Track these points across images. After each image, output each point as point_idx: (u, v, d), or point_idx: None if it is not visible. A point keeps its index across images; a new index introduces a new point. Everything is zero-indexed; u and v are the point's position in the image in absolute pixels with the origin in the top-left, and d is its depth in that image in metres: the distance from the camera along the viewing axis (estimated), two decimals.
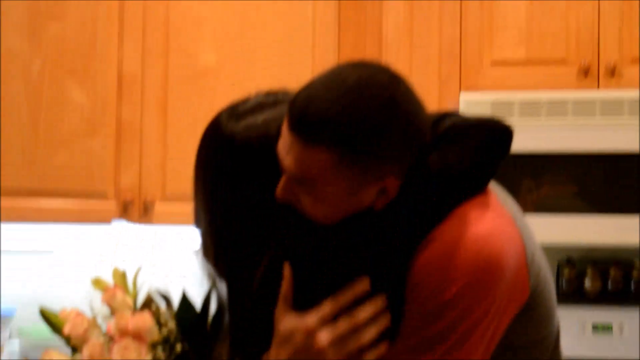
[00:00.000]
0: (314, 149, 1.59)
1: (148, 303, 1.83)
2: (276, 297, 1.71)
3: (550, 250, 3.89)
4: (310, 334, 1.62)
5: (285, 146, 1.62)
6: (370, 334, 1.62)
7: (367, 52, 4.03)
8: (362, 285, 1.63)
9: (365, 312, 1.62)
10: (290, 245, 1.75)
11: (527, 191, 3.84)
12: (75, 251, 3.55)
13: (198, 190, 1.82)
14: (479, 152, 1.70)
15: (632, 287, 4.02)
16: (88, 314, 1.87)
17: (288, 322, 1.66)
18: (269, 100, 1.78)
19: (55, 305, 1.92)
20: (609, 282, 4.05)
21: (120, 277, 1.85)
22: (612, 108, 3.73)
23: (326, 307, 1.63)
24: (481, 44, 3.93)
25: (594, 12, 3.83)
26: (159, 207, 3.69)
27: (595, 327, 3.96)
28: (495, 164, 1.71)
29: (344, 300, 1.63)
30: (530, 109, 3.81)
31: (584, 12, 3.83)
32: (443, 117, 1.76)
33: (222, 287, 1.80)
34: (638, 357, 3.81)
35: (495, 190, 1.75)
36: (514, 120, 3.50)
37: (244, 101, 1.80)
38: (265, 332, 1.71)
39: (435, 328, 1.60)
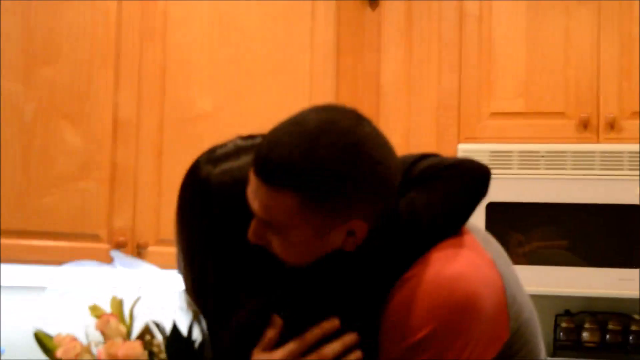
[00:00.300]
0: (277, 193, 1.61)
1: (144, 333, 1.85)
2: (254, 337, 1.72)
3: (548, 301, 4.15)
4: None
5: (252, 190, 1.65)
6: None
7: (365, 102, 4.04)
8: (331, 324, 1.64)
9: (331, 348, 1.63)
10: (265, 286, 1.76)
11: (524, 242, 3.86)
12: (68, 288, 3.47)
13: (177, 232, 1.83)
14: (451, 194, 1.72)
15: (631, 339, 4.01)
16: (83, 341, 1.91)
17: (259, 356, 1.68)
18: (247, 145, 1.79)
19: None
20: (607, 335, 4.03)
21: (117, 305, 1.89)
22: (611, 161, 3.75)
23: (293, 344, 1.64)
24: (480, 95, 3.96)
25: (593, 66, 3.87)
26: (153, 250, 3.65)
27: None
28: (470, 206, 1.73)
29: (311, 338, 1.64)
30: (529, 160, 3.83)
31: (583, 65, 3.88)
32: (420, 158, 1.78)
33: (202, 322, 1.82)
34: None
35: (476, 232, 1.75)
36: (512, 171, 3.89)
37: (223, 145, 1.82)
38: None
39: None
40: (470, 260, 1.67)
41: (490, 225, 3.74)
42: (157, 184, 3.73)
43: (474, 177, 1.75)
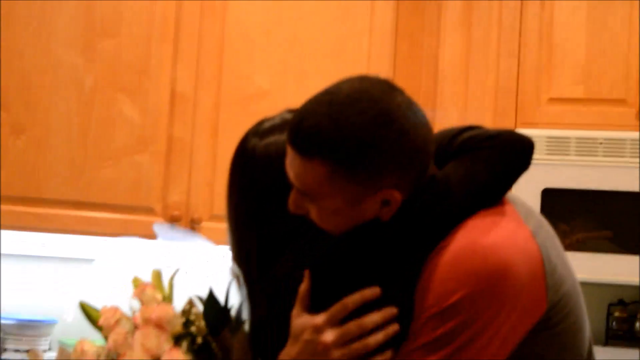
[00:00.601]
0: (309, 162, 1.63)
1: (189, 305, 1.82)
2: (293, 301, 1.73)
3: (601, 290, 4.10)
4: (318, 331, 1.65)
5: (289, 161, 1.69)
6: (376, 339, 1.65)
7: (422, 85, 4.03)
8: (372, 292, 1.65)
9: (373, 318, 1.64)
10: (307, 252, 1.78)
11: (579, 229, 3.78)
12: (117, 261, 3.43)
13: (227, 201, 1.88)
14: (491, 165, 1.72)
15: None
16: (128, 312, 1.88)
17: (300, 320, 1.69)
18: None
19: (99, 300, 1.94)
20: None
21: (156, 276, 1.85)
22: None
23: (335, 309, 1.66)
24: (539, 80, 3.89)
25: None
26: (206, 226, 3.63)
27: None
28: (511, 177, 1.72)
29: (352, 304, 1.65)
30: (587, 147, 3.76)
31: None
32: (463, 130, 1.79)
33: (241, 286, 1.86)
34: None
35: (517, 203, 1.74)
36: (569, 158, 3.80)
37: (271, 118, 1.86)
38: (283, 333, 1.74)
39: (440, 331, 1.61)
40: (508, 230, 1.67)
41: (546, 212, 3.51)
42: (212, 159, 3.71)
43: (516, 148, 1.73)
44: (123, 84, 3.66)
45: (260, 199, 1.81)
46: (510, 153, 1.72)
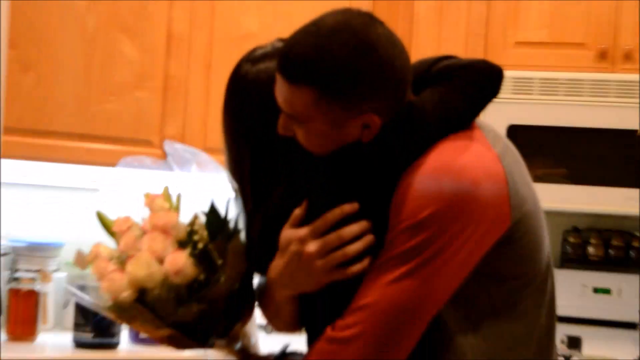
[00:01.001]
0: (296, 87, 1.66)
1: (194, 219, 1.84)
2: (284, 218, 1.76)
3: (557, 218, 4.20)
4: (302, 242, 1.69)
5: (277, 87, 1.71)
6: (354, 248, 1.67)
7: (399, 29, 3.84)
8: (351, 206, 1.68)
9: (351, 229, 1.67)
10: (294, 172, 1.80)
11: (542, 161, 3.84)
12: (119, 190, 3.49)
13: (223, 122, 1.90)
14: (463, 91, 1.73)
15: (632, 255, 4.04)
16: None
17: (287, 232, 1.73)
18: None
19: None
20: (611, 250, 4.07)
21: (166, 190, 1.87)
22: (626, 90, 3.70)
23: (318, 222, 1.69)
24: (506, 25, 3.92)
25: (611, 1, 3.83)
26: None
27: (596, 290, 4.01)
28: (481, 103, 1.74)
29: (332, 217, 1.68)
30: (549, 88, 3.80)
31: (602, 2, 3.84)
32: (439, 59, 1.80)
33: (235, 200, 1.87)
34: (637, 320, 3.80)
35: (486, 129, 1.77)
36: (533, 97, 3.84)
37: (263, 46, 1.86)
38: (273, 247, 1.78)
39: (412, 243, 1.63)
40: (476, 153, 1.69)
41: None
42: (205, 95, 3.74)
43: (486, 76, 1.76)
44: (123, 25, 3.63)
45: (252, 121, 1.83)
46: (481, 81, 1.76)
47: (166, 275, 1.76)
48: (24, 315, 3.46)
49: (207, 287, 1.80)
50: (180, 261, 1.76)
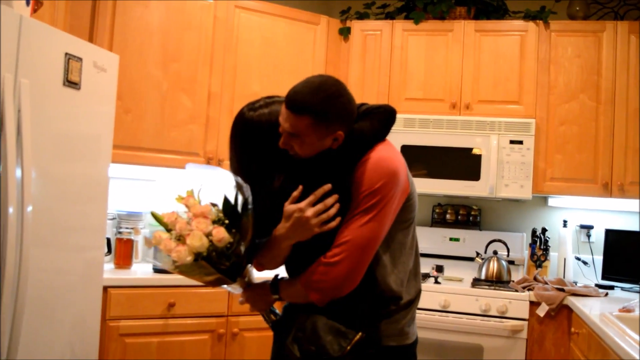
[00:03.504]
0: (300, 117, 1.66)
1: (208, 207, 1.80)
2: (284, 199, 1.74)
3: (430, 197, 4.19)
4: (302, 211, 1.70)
5: (284, 117, 1.69)
6: (332, 211, 1.70)
7: None
8: (327, 186, 1.71)
9: (329, 200, 1.70)
10: (289, 170, 1.77)
11: (422, 166, 3.94)
12: (173, 182, 3.55)
13: (231, 150, 1.84)
14: (381, 121, 1.78)
15: (471, 219, 4.24)
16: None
17: (290, 206, 1.73)
18: (270, 101, 1.82)
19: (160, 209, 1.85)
20: (459, 216, 4.26)
21: (191, 192, 1.81)
22: (466, 126, 3.90)
23: (310, 197, 1.70)
24: (400, 88, 4.07)
25: (458, 73, 3.99)
26: (227, 163, 3.49)
27: (451, 239, 4.20)
28: (389, 127, 1.80)
29: (319, 194, 1.70)
30: (424, 124, 3.96)
31: (454, 74, 3.98)
32: (362, 104, 1.83)
33: (246, 188, 1.78)
34: (474, 256, 3.99)
35: (390, 142, 1.82)
36: (415, 129, 3.95)
37: (257, 101, 1.83)
38: (274, 218, 1.76)
39: (372, 202, 1.69)
40: (393, 152, 1.78)
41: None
42: (229, 128, 3.43)
43: (389, 113, 1.82)
44: (182, 86, 3.68)
45: (254, 146, 1.78)
46: (388, 115, 1.81)
47: (212, 243, 1.72)
48: (124, 254, 3.55)
49: (236, 246, 1.77)
50: (222, 233, 1.73)
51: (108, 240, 3.55)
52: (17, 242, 2.05)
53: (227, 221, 1.75)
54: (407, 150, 3.97)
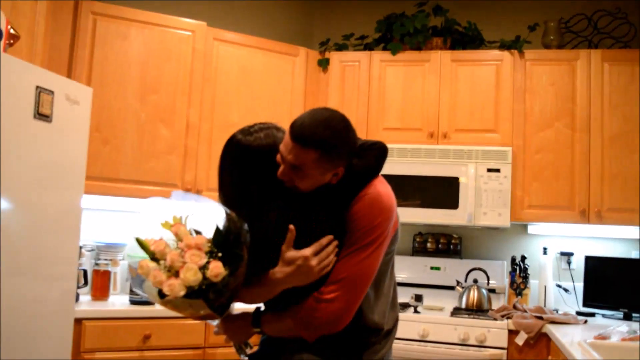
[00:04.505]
0: (306, 150, 1.64)
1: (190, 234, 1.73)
2: (279, 231, 1.70)
3: (410, 227, 4.21)
4: (307, 259, 1.67)
5: (288, 148, 1.66)
6: (332, 257, 1.70)
7: None
8: (329, 238, 1.70)
9: (330, 248, 1.70)
10: (282, 202, 1.75)
11: (402, 195, 3.82)
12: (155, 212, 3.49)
13: (222, 176, 1.81)
14: (377, 157, 1.82)
15: (452, 247, 4.27)
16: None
17: (291, 253, 1.69)
18: (264, 126, 1.80)
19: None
20: (440, 245, 4.29)
21: (178, 220, 1.73)
22: (444, 154, 3.93)
23: (315, 246, 1.69)
24: (378, 118, 4.14)
25: (435, 103, 4.06)
26: (206, 194, 3.60)
27: (432, 268, 4.22)
28: (382, 164, 1.83)
29: (324, 243, 1.70)
30: (402, 153, 4.01)
31: (431, 103, 4.07)
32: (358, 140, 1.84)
33: (237, 224, 1.72)
34: (454, 285, 4.01)
35: (382, 177, 1.84)
36: (392, 159, 3.98)
37: (251, 126, 1.81)
38: (270, 257, 1.73)
39: (369, 239, 1.70)
40: (388, 186, 1.80)
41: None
42: (208, 159, 3.79)
43: (382, 150, 1.85)
44: (161, 117, 3.73)
45: (245, 172, 1.75)
46: (381, 152, 1.84)
47: (206, 277, 1.66)
48: (101, 285, 3.57)
49: (229, 281, 1.70)
50: (219, 268, 1.66)
51: (85, 271, 3.57)
52: None
53: (219, 254, 1.70)
54: (385, 179, 3.98)
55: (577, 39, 4.23)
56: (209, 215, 1.74)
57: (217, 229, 1.69)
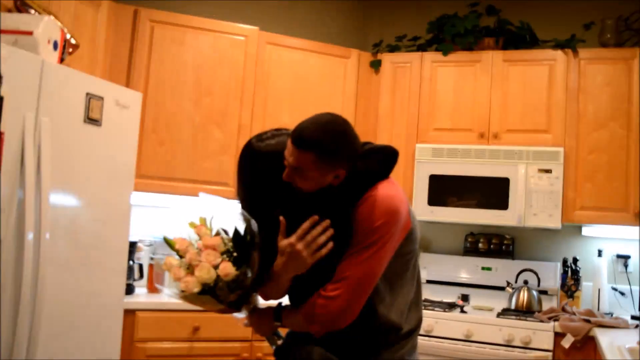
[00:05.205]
0: (305, 153, 1.69)
1: (218, 233, 1.85)
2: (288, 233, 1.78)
3: (462, 226, 4.25)
4: (292, 245, 1.72)
5: (289, 151, 1.72)
6: (322, 239, 1.73)
7: (370, 123, 4.26)
8: (314, 218, 1.73)
9: (317, 230, 1.73)
10: (287, 203, 1.80)
11: (454, 195, 4.03)
12: (187, 208, 3.51)
13: (238, 178, 1.88)
14: (380, 162, 1.83)
15: (503, 248, 4.27)
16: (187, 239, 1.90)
17: (282, 242, 1.76)
18: (277, 133, 1.87)
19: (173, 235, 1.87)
20: (492, 245, 4.29)
21: (203, 220, 1.86)
22: (495, 155, 3.97)
23: (299, 231, 1.73)
24: (429, 118, 4.20)
25: (487, 104, 4.08)
26: None
27: (483, 268, 4.25)
28: (391, 166, 1.84)
29: (306, 226, 1.73)
30: (452, 153, 4.06)
31: (482, 104, 4.10)
32: (365, 143, 1.87)
33: (253, 224, 1.80)
34: (504, 285, 4.03)
35: (392, 179, 1.86)
36: (443, 159, 4.05)
37: (265, 132, 1.88)
38: (274, 252, 1.79)
39: (370, 240, 1.72)
40: (396, 189, 1.81)
41: (431, 188, 4.05)
42: None
43: (390, 154, 1.87)
44: (214, 119, 3.89)
45: (260, 177, 1.81)
46: (388, 156, 1.87)
47: (219, 276, 1.76)
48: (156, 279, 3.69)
49: (242, 280, 1.79)
50: (228, 268, 1.75)
51: (140, 265, 3.78)
52: (33, 265, 2.32)
53: (235, 254, 1.79)
54: (435, 179, 4.08)
55: (637, 36, 4.14)
56: (232, 216, 1.84)
57: (236, 229, 1.79)
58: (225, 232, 1.85)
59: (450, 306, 3.97)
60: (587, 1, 4.36)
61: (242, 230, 1.81)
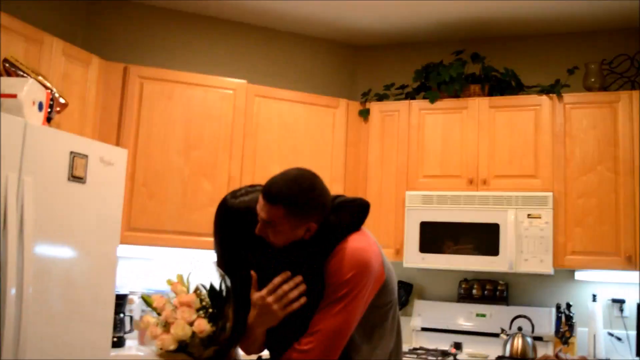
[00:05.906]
0: (275, 207, 1.74)
1: (197, 289, 1.86)
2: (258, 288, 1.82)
3: (456, 273, 4.44)
4: (263, 298, 1.77)
5: (261, 206, 1.77)
6: (292, 294, 1.77)
7: (360, 170, 4.34)
8: (286, 274, 1.78)
9: (288, 285, 1.77)
10: (260, 258, 1.83)
11: (445, 242, 4.06)
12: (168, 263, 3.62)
13: (214, 235, 1.92)
14: (353, 215, 1.86)
15: (497, 294, 4.28)
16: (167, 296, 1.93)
17: (254, 295, 1.80)
18: (251, 190, 1.90)
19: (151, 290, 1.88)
20: (485, 291, 4.31)
21: (180, 277, 1.90)
22: (484, 201, 4.02)
23: (270, 285, 1.78)
24: (417, 165, 4.27)
25: (475, 150, 4.15)
26: None
27: (477, 315, 4.25)
28: (362, 219, 1.87)
29: (277, 281, 1.78)
30: (442, 200, 4.11)
31: (470, 150, 4.16)
32: (337, 196, 1.90)
33: (227, 280, 1.83)
34: (499, 331, 4.02)
35: (366, 230, 1.88)
36: (432, 206, 4.09)
37: (239, 189, 1.91)
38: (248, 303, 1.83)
39: (341, 293, 1.75)
40: (367, 241, 1.84)
41: (423, 235, 4.07)
42: None
43: (363, 206, 1.90)
44: (203, 172, 3.95)
45: (234, 233, 1.84)
46: (361, 208, 1.89)
47: (195, 333, 1.78)
48: None
49: (218, 335, 1.80)
50: (202, 325, 1.78)
51: (131, 317, 3.78)
52: (15, 320, 2.37)
53: (210, 310, 1.81)
54: (426, 226, 4.11)
55: (621, 79, 4.22)
56: (210, 271, 1.88)
57: (211, 284, 1.84)
58: (205, 287, 1.88)
59: (444, 354, 3.97)
60: (571, 46, 4.46)
61: (217, 285, 1.84)
